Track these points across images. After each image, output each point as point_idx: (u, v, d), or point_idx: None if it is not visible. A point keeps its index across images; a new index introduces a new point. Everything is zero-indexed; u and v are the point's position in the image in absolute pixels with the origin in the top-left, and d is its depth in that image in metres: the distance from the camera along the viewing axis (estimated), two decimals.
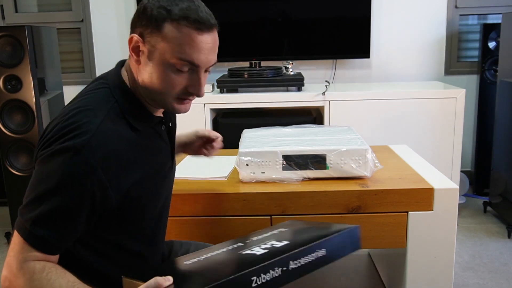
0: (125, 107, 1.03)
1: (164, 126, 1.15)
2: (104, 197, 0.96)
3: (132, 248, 1.11)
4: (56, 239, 0.93)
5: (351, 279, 2.21)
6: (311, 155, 1.61)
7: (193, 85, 1.02)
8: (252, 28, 3.12)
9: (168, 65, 0.98)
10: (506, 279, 2.18)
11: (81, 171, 0.91)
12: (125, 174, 0.99)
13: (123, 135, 1.00)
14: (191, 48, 0.97)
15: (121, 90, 1.04)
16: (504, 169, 2.72)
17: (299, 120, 2.74)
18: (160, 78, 0.99)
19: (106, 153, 0.94)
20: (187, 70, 1.00)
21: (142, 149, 1.05)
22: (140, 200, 1.06)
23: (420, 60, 3.25)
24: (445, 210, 1.56)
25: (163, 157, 1.14)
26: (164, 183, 1.16)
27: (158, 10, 0.96)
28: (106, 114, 0.98)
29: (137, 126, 1.04)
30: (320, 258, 1.05)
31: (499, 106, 2.79)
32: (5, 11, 3.34)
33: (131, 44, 1.00)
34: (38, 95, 2.54)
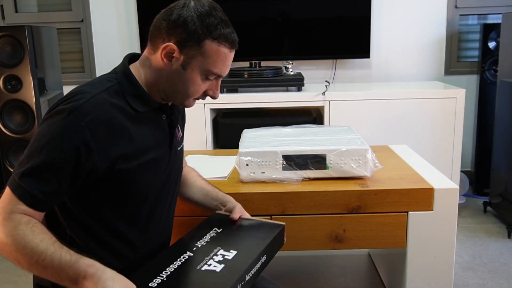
0: (126, 88, 1.10)
1: (165, 116, 1.19)
2: (89, 159, 1.01)
3: (123, 232, 1.14)
4: (41, 192, 0.99)
5: (351, 279, 2.21)
6: (311, 155, 1.61)
7: (212, 90, 1.17)
8: (252, 28, 3.12)
9: (200, 75, 1.11)
10: (506, 279, 2.18)
11: (70, 130, 0.99)
12: (114, 143, 1.05)
13: (119, 107, 1.07)
14: (223, 64, 1.12)
15: (125, 75, 1.12)
16: (504, 169, 2.72)
17: (299, 120, 2.74)
18: (190, 84, 1.12)
19: (97, 118, 1.01)
20: (213, 78, 1.15)
21: (137, 127, 1.10)
22: (127, 174, 1.08)
23: (420, 60, 3.25)
24: (445, 210, 1.56)
25: (160, 145, 1.17)
26: (160, 172, 1.18)
27: (201, 27, 1.06)
28: (105, 89, 1.07)
29: (135, 106, 1.10)
30: (262, 264, 1.15)
31: (499, 106, 2.79)
32: (5, 11, 3.35)
33: (165, 50, 1.08)
34: (38, 95, 2.54)
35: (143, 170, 1.12)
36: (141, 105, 1.12)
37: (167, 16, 1.08)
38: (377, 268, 2.27)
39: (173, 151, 1.22)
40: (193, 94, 1.14)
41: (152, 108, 1.15)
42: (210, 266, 1.07)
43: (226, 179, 1.69)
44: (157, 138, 1.16)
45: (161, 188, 1.20)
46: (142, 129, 1.12)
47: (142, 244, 1.18)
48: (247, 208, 1.55)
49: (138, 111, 1.11)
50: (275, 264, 2.32)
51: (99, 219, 1.11)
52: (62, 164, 0.99)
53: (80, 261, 0.94)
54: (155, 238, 1.23)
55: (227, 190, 1.57)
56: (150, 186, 1.16)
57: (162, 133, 1.19)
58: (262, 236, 1.22)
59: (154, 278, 1.03)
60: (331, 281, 2.20)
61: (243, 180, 1.64)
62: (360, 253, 2.45)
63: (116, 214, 1.12)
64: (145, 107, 1.13)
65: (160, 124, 1.18)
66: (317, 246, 1.58)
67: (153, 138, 1.15)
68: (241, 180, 1.64)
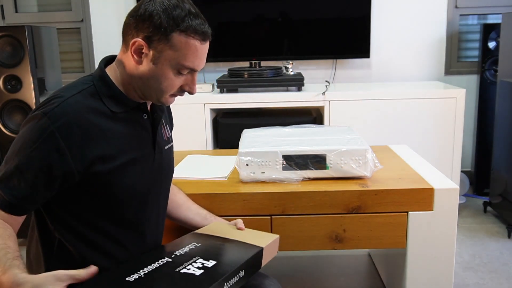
0: (101, 90, 1.10)
1: (146, 115, 1.17)
2: (63, 163, 1.01)
3: (112, 234, 1.13)
4: (14, 197, 1.01)
5: (351, 279, 2.21)
6: (311, 155, 1.61)
7: (188, 85, 1.14)
8: (252, 28, 3.12)
9: (172, 69, 1.08)
10: (506, 279, 2.18)
11: (40, 135, 1.00)
12: (89, 146, 1.04)
13: (94, 109, 1.07)
14: (195, 57, 1.08)
15: (100, 77, 1.12)
16: (504, 169, 2.72)
17: (299, 120, 2.74)
18: (162, 79, 1.09)
19: (69, 122, 1.01)
20: (187, 73, 1.11)
21: (114, 128, 1.09)
22: (106, 176, 1.08)
23: (420, 60, 3.25)
24: (445, 210, 1.56)
25: (141, 145, 1.16)
26: (144, 172, 1.16)
27: (167, 20, 1.04)
28: (79, 91, 1.07)
29: (112, 107, 1.10)
30: (240, 279, 1.13)
31: (499, 106, 2.79)
32: (5, 11, 3.35)
33: (133, 47, 1.07)
34: (38, 95, 2.54)
35: (123, 171, 1.11)
36: (117, 106, 1.11)
37: (135, 11, 1.07)
38: (377, 268, 2.27)
39: (158, 150, 1.21)
40: (168, 89, 1.11)
41: (130, 108, 1.13)
42: (189, 270, 1.06)
43: (226, 179, 1.69)
44: (137, 138, 1.15)
45: (148, 188, 1.19)
46: (121, 130, 1.11)
47: (134, 245, 1.18)
48: (247, 208, 1.55)
49: (115, 112, 1.10)
50: (275, 264, 2.32)
51: (86, 222, 1.10)
52: (35, 169, 1.00)
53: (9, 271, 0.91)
54: (147, 238, 1.22)
55: (227, 190, 1.57)
56: (134, 186, 1.14)
57: (144, 132, 1.17)
58: (242, 252, 1.21)
59: (132, 274, 1.03)
60: (331, 281, 2.20)
61: (243, 180, 1.64)
62: (360, 253, 2.45)
63: (102, 216, 1.11)
64: (122, 107, 1.12)
65: (140, 123, 1.16)
66: (317, 246, 1.58)
67: (133, 138, 1.14)
68: (241, 180, 1.64)
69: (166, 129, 1.29)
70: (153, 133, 1.19)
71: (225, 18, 3.05)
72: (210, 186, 1.61)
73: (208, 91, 2.88)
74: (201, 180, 1.68)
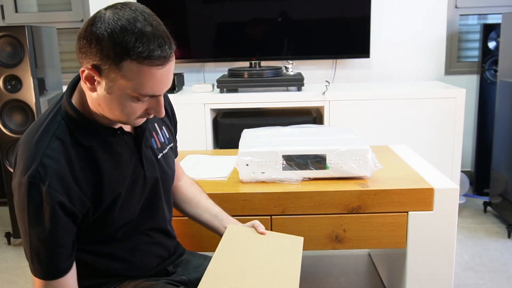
0: (72, 126, 1.03)
1: (125, 135, 1.11)
2: (69, 213, 1.01)
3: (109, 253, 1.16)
4: (54, 262, 1.02)
5: (351, 279, 2.21)
6: (311, 155, 1.61)
7: (154, 108, 1.02)
8: (252, 28, 3.12)
9: (129, 98, 0.97)
10: (506, 279, 2.18)
11: (39, 200, 0.97)
12: (80, 192, 1.02)
13: (71, 152, 1.01)
14: (152, 84, 0.95)
15: (69, 109, 1.03)
16: (504, 169, 2.72)
17: (299, 120, 2.74)
18: (120, 109, 0.99)
19: (56, 177, 0.98)
20: (147, 99, 1.00)
21: (95, 165, 1.05)
22: (103, 213, 1.08)
23: (420, 60, 3.25)
24: (445, 210, 1.56)
25: (127, 167, 1.11)
26: (136, 193, 1.14)
27: (114, 47, 0.91)
28: (51, 135, 1.01)
29: (86, 142, 1.03)
30: None
31: (499, 106, 2.79)
32: (5, 11, 3.34)
33: (83, 75, 0.96)
34: (38, 95, 2.54)
35: (115, 201, 1.09)
36: (91, 138, 1.04)
37: (82, 33, 0.94)
38: (377, 268, 2.27)
39: (148, 165, 1.16)
40: (130, 116, 1.01)
41: (108, 135, 1.07)
42: None
43: (226, 179, 1.69)
44: (120, 163, 1.10)
45: (146, 207, 1.18)
46: (103, 163, 1.06)
47: (136, 259, 1.20)
48: (247, 208, 1.55)
49: (90, 147, 1.04)
50: None
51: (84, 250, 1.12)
52: (55, 229, 1.00)
53: None
54: (154, 249, 1.24)
55: (227, 190, 1.57)
56: (130, 213, 1.14)
57: (127, 152, 1.11)
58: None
59: None
60: (331, 281, 2.20)
61: (243, 180, 1.64)
62: (360, 253, 2.45)
63: (94, 240, 1.13)
64: (97, 138, 1.05)
65: (121, 145, 1.10)
66: (317, 246, 1.58)
67: (116, 165, 1.09)
68: (241, 180, 1.64)
69: (160, 134, 1.23)
70: (138, 151, 1.13)
71: (225, 18, 3.05)
72: (210, 186, 1.61)
73: (208, 91, 2.88)
74: (201, 180, 1.68)
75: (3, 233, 2.75)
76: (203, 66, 3.23)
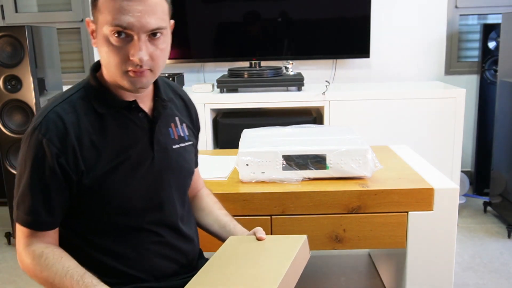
0: (89, 92, 1.09)
1: (142, 113, 1.12)
2: (62, 169, 1.03)
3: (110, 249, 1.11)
4: (36, 214, 1.04)
5: (351, 279, 2.21)
6: (311, 155, 1.61)
7: (130, 50, 1.00)
8: (252, 28, 3.12)
9: (106, 37, 1.00)
10: (506, 279, 2.18)
11: (36, 150, 1.02)
12: (79, 154, 1.04)
13: (82, 113, 1.06)
14: (120, 14, 0.97)
15: (91, 78, 1.11)
16: (504, 169, 2.72)
17: (299, 120, 2.74)
18: (104, 52, 1.02)
19: (57, 131, 1.02)
20: (124, 37, 1.00)
21: (103, 130, 1.07)
22: (98, 183, 1.05)
23: (420, 60, 3.25)
24: (445, 210, 1.56)
25: (136, 145, 1.11)
26: (140, 176, 1.11)
27: None
28: (66, 98, 1.07)
29: (101, 109, 1.08)
30: None
31: (499, 106, 2.79)
32: (5, 11, 3.34)
33: (89, 28, 1.06)
34: (38, 95, 2.54)
35: (113, 175, 1.06)
36: (106, 106, 1.08)
37: None
38: (377, 268, 2.27)
39: (159, 149, 1.14)
40: (115, 63, 1.01)
41: (121, 107, 1.09)
42: None
43: (226, 179, 1.69)
44: (129, 138, 1.10)
45: (149, 193, 1.13)
46: (110, 132, 1.07)
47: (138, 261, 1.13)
48: (247, 208, 1.55)
49: (104, 113, 1.07)
50: None
51: (82, 236, 1.10)
52: (42, 182, 1.03)
53: None
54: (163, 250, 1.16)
55: (227, 190, 1.58)
56: (129, 192, 1.09)
57: (139, 132, 1.11)
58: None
59: None
60: (331, 281, 2.20)
61: (243, 180, 1.64)
62: (360, 253, 2.45)
63: (96, 229, 1.10)
64: (111, 107, 1.08)
65: (135, 122, 1.11)
66: (317, 246, 1.58)
67: (124, 139, 1.09)
68: (241, 180, 1.64)
69: (179, 128, 1.22)
70: (151, 132, 1.13)
71: (225, 18, 3.05)
72: (210, 186, 1.60)
73: (208, 91, 2.87)
74: None
75: (3, 233, 2.75)
76: (203, 66, 3.23)
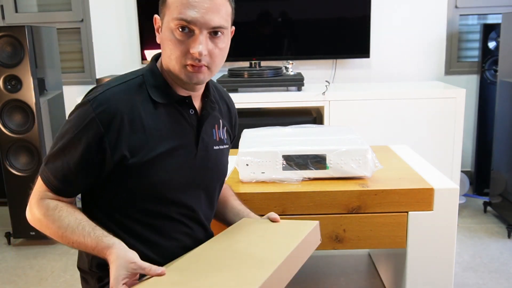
0: (148, 80, 1.12)
1: (192, 110, 1.16)
2: (100, 149, 1.05)
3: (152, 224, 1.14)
4: (57, 179, 1.07)
5: (351, 279, 2.21)
6: (311, 155, 1.61)
7: (191, 44, 1.05)
8: (252, 28, 3.12)
9: (171, 31, 1.05)
10: (506, 279, 2.18)
11: (82, 121, 1.04)
12: (126, 135, 1.06)
13: (138, 99, 1.09)
14: (185, 8, 1.02)
15: (150, 69, 1.15)
16: (504, 169, 2.72)
17: (299, 120, 2.74)
18: (167, 45, 1.07)
19: (110, 109, 1.04)
20: (187, 32, 1.04)
21: (155, 118, 1.10)
22: (139, 166, 1.08)
23: (420, 60, 3.25)
24: (445, 210, 1.56)
25: (182, 137, 1.14)
26: (181, 169, 1.14)
27: None
28: (125, 81, 1.10)
29: (156, 97, 1.11)
30: None
31: (499, 106, 2.79)
32: (5, 11, 3.34)
33: (155, 25, 1.11)
34: (38, 95, 2.54)
35: (160, 161, 1.09)
36: (162, 97, 1.11)
37: None
38: (377, 268, 2.27)
39: (202, 147, 1.18)
40: (176, 54, 1.06)
41: (175, 100, 1.13)
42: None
43: (226, 179, 1.69)
44: (179, 130, 1.14)
45: (185, 187, 1.16)
46: (161, 121, 1.11)
47: (166, 249, 1.15)
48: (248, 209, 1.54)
49: (159, 103, 1.11)
50: None
51: (115, 219, 1.12)
52: (76, 153, 1.05)
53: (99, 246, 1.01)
54: (175, 245, 1.17)
55: None
56: (167, 182, 1.12)
57: (188, 127, 1.15)
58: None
59: None
60: (331, 281, 2.20)
61: (243, 180, 1.64)
62: (360, 253, 2.45)
63: (130, 212, 1.11)
64: (167, 99, 1.12)
65: (185, 118, 1.15)
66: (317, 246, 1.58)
67: (174, 130, 1.13)
68: (241, 180, 1.64)
69: (221, 131, 1.26)
70: (198, 130, 1.17)
71: None
72: None
73: None
74: None
75: (3, 233, 2.75)
76: None
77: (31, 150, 2.56)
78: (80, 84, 3.36)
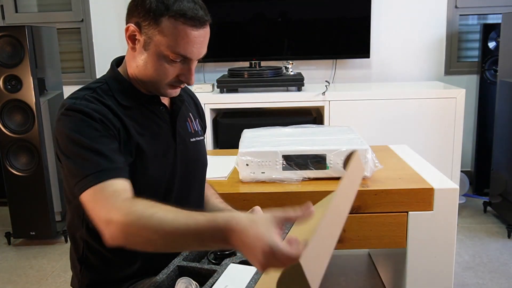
0: (113, 86, 1.12)
1: (162, 107, 1.16)
2: (108, 128, 1.03)
3: None
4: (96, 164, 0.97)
5: (351, 279, 2.21)
6: (311, 155, 1.61)
7: (184, 75, 1.09)
8: (252, 28, 3.12)
9: (163, 56, 1.05)
10: (506, 279, 2.18)
11: (81, 116, 1.01)
12: (119, 127, 1.06)
13: (108, 106, 1.07)
14: (185, 43, 1.04)
15: (113, 76, 1.14)
16: (504, 169, 2.72)
17: (299, 120, 2.74)
18: (154, 67, 1.07)
19: (96, 106, 1.04)
20: (180, 61, 1.07)
21: (126, 122, 1.08)
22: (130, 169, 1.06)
23: (420, 60, 3.25)
24: (445, 210, 1.56)
25: (159, 135, 1.14)
26: (165, 164, 1.14)
27: (157, 4, 1.02)
28: (92, 91, 1.09)
29: (124, 102, 1.10)
30: None
31: (499, 106, 2.79)
32: (5, 11, 3.34)
33: (127, 33, 1.07)
34: (38, 95, 2.54)
35: (143, 162, 1.09)
36: (129, 100, 1.11)
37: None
38: (377, 268, 2.27)
39: (180, 141, 1.18)
40: (162, 78, 1.07)
41: (144, 101, 1.13)
42: None
43: (226, 179, 1.69)
44: (153, 129, 1.13)
45: (171, 183, 1.16)
46: (138, 121, 1.10)
47: None
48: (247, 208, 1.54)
49: (128, 106, 1.10)
50: None
51: None
52: (87, 139, 0.99)
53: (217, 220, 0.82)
54: None
55: (227, 190, 1.57)
56: (157, 178, 1.12)
57: (162, 124, 1.15)
58: None
59: None
60: (331, 281, 2.20)
61: (243, 180, 1.64)
62: (360, 253, 2.45)
63: None
64: (134, 101, 1.12)
65: (158, 115, 1.15)
66: None
67: (148, 129, 1.12)
68: (241, 180, 1.64)
69: (194, 123, 1.26)
70: (172, 125, 1.17)
71: (225, 18, 3.05)
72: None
73: (208, 91, 2.87)
74: None
75: (3, 233, 2.75)
76: (203, 66, 3.23)
77: (31, 150, 2.56)
78: (80, 84, 3.33)
